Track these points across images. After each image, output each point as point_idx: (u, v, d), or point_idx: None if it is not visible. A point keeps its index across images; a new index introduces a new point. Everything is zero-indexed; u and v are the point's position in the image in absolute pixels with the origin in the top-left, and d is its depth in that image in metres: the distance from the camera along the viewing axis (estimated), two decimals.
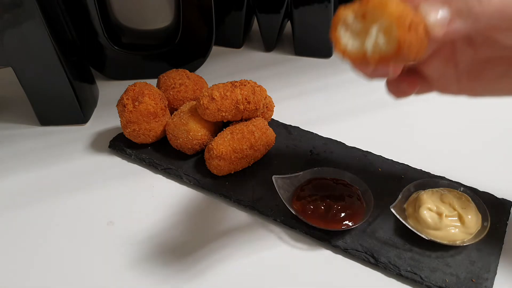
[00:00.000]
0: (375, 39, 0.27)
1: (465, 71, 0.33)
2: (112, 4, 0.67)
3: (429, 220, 0.38)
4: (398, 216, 0.39)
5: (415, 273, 0.37)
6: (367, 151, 0.50)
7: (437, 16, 0.26)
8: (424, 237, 0.38)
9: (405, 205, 0.41)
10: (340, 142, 0.52)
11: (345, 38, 0.29)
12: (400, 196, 0.41)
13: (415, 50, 0.26)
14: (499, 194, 0.44)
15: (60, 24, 0.55)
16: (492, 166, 0.49)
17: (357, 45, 0.28)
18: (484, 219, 0.39)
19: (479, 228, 0.38)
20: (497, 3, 0.26)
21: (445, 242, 0.37)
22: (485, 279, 0.36)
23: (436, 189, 0.41)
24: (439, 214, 0.38)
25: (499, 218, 0.41)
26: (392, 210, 0.39)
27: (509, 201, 0.43)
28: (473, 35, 0.31)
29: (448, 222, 0.38)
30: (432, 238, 0.38)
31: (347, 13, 0.28)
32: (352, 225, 0.40)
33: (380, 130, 0.55)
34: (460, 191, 0.41)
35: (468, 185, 0.44)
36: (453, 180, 0.45)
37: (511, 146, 0.51)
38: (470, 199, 0.40)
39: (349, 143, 0.52)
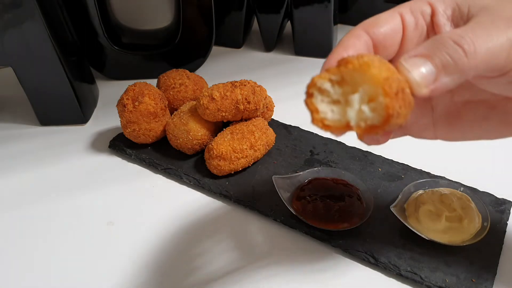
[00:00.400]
0: (358, 107, 0.24)
1: (442, 116, 0.32)
2: (112, 4, 0.67)
3: (429, 220, 0.38)
4: (398, 216, 0.39)
5: (415, 273, 0.37)
6: (367, 151, 0.50)
7: (422, 74, 0.24)
8: (424, 237, 0.38)
9: (405, 205, 0.41)
10: (340, 142, 0.52)
11: (322, 107, 0.25)
12: (400, 196, 0.41)
13: (404, 115, 0.23)
14: (499, 194, 0.44)
15: (60, 24, 0.55)
16: (492, 166, 0.49)
17: (337, 114, 0.25)
18: (484, 219, 0.39)
19: (479, 228, 0.38)
20: (483, 54, 0.24)
21: (445, 242, 0.37)
22: (485, 279, 0.36)
23: (436, 189, 0.41)
24: (439, 214, 0.38)
25: (499, 218, 0.41)
26: (392, 210, 0.39)
27: (509, 201, 0.43)
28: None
29: (448, 222, 0.38)
30: (432, 238, 0.38)
31: (322, 79, 0.25)
32: (352, 225, 0.40)
33: None
34: (460, 191, 0.41)
35: (468, 185, 0.44)
36: (453, 180, 0.45)
37: (511, 146, 0.51)
38: (470, 199, 0.40)
39: (349, 143, 0.52)
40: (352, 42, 0.28)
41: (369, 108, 0.23)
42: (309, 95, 0.26)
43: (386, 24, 0.30)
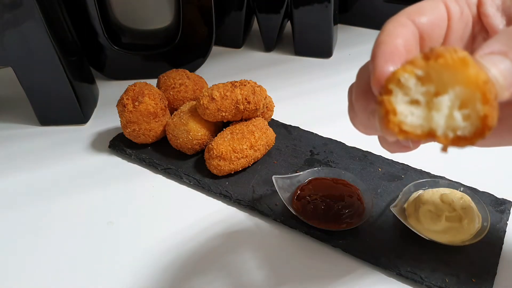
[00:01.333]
0: (448, 113, 0.20)
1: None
2: (112, 4, 0.67)
3: (429, 220, 0.38)
4: (398, 216, 0.39)
5: (415, 273, 0.37)
6: (367, 151, 0.50)
7: (503, 74, 0.20)
8: (424, 237, 0.38)
9: (405, 205, 0.41)
10: (340, 142, 0.52)
11: (402, 107, 0.21)
12: (400, 196, 0.41)
13: (495, 124, 0.19)
14: (499, 194, 0.44)
15: (60, 24, 0.55)
16: (492, 166, 0.49)
17: (420, 118, 0.21)
18: (484, 219, 0.39)
19: (479, 228, 0.38)
20: None
21: (445, 242, 0.37)
22: (485, 279, 0.36)
23: (436, 189, 0.41)
24: (439, 214, 0.38)
25: (499, 218, 0.41)
26: (392, 210, 0.39)
27: (509, 201, 0.43)
28: None
29: (448, 222, 0.38)
30: (432, 238, 0.38)
31: (408, 73, 0.20)
32: (352, 225, 0.40)
33: None
34: (460, 191, 0.41)
35: (468, 185, 0.44)
36: (453, 180, 0.45)
37: (511, 146, 0.51)
38: (470, 199, 0.40)
39: (349, 143, 0.52)
40: (400, 31, 0.25)
41: (462, 116, 0.19)
42: (387, 91, 0.21)
43: (431, 13, 0.26)
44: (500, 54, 0.21)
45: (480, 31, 0.27)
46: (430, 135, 0.20)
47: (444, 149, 0.21)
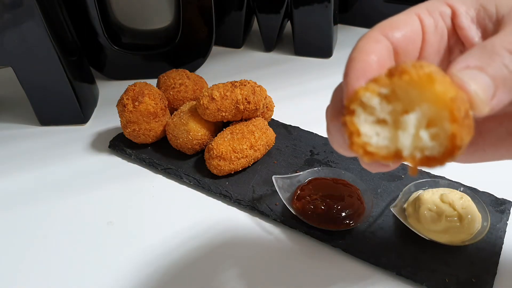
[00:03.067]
0: (414, 133, 0.19)
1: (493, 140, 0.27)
2: (112, 4, 0.67)
3: (429, 220, 0.38)
4: (398, 216, 0.39)
5: (415, 273, 0.37)
6: None
7: (482, 88, 0.20)
8: (424, 237, 0.38)
9: (405, 205, 0.41)
10: None
11: (365, 128, 0.20)
12: (400, 196, 0.41)
13: (465, 145, 0.18)
14: (499, 194, 0.44)
15: (60, 24, 0.55)
16: (492, 166, 0.49)
17: (385, 139, 0.20)
18: (484, 219, 0.39)
19: (479, 228, 0.38)
20: None
21: (445, 242, 0.37)
22: (485, 279, 0.36)
23: (436, 189, 0.41)
24: (439, 214, 0.38)
25: (499, 218, 0.41)
26: (392, 210, 0.39)
27: (509, 201, 0.43)
28: None
29: (448, 222, 0.38)
30: (432, 238, 0.38)
31: (370, 93, 0.19)
32: (352, 225, 0.40)
33: None
34: (460, 191, 0.41)
35: (468, 185, 0.44)
36: (453, 180, 0.45)
37: None
38: (470, 199, 0.40)
39: None
40: (372, 46, 0.24)
41: (429, 135, 0.19)
42: (349, 112, 0.20)
43: (405, 26, 0.26)
44: (477, 69, 0.20)
45: (456, 43, 0.26)
46: (397, 156, 0.19)
47: (413, 171, 0.20)
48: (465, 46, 0.26)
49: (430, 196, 0.40)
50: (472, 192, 0.42)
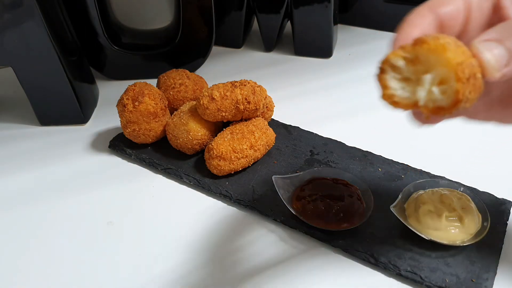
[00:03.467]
0: (428, 88, 0.24)
1: (498, 98, 0.31)
2: (112, 4, 0.67)
3: (429, 220, 0.38)
4: (398, 216, 0.39)
5: (415, 273, 0.37)
6: (367, 151, 0.50)
7: (496, 57, 0.24)
8: (424, 237, 0.38)
9: (405, 205, 0.41)
10: (340, 142, 0.52)
11: (393, 83, 0.26)
12: (400, 196, 0.41)
13: (472, 100, 0.24)
14: (499, 194, 0.44)
15: (60, 24, 0.55)
16: (492, 166, 0.49)
17: (407, 92, 0.26)
18: (484, 219, 0.39)
19: (479, 228, 0.38)
20: None
21: (445, 242, 0.37)
22: (485, 279, 0.36)
23: (436, 189, 0.41)
24: (439, 214, 0.38)
25: (499, 218, 0.41)
26: (392, 210, 0.39)
27: (509, 201, 0.43)
28: None
29: (448, 222, 0.38)
30: (432, 238, 0.38)
31: (396, 57, 0.25)
32: (352, 225, 0.40)
33: (380, 130, 0.55)
34: (460, 191, 0.41)
35: (468, 185, 0.44)
36: (453, 180, 0.45)
37: (511, 146, 0.51)
38: (470, 199, 0.40)
39: (349, 143, 0.52)
40: (419, 20, 0.29)
41: (439, 90, 0.24)
42: (381, 70, 0.26)
43: (451, 4, 0.29)
44: (496, 41, 0.25)
45: (497, 22, 0.29)
46: (415, 106, 0.25)
47: (427, 118, 0.26)
48: None
49: (430, 196, 0.40)
50: (472, 192, 0.42)
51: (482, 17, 0.30)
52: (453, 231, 0.38)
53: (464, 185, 0.43)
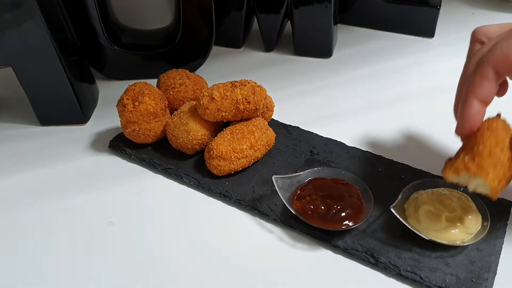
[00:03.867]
0: (476, 184, 0.35)
1: None
2: (112, 4, 0.67)
3: (429, 220, 0.38)
4: (398, 216, 0.39)
5: (415, 273, 0.37)
6: (367, 151, 0.50)
7: None
8: (424, 237, 0.38)
9: (405, 205, 0.41)
10: (340, 142, 0.52)
11: (455, 178, 0.36)
12: (400, 196, 0.41)
13: (504, 188, 0.35)
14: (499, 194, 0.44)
15: (60, 24, 0.55)
16: None
17: (463, 180, 0.36)
18: (484, 219, 0.39)
19: (479, 228, 0.38)
20: None
21: (445, 242, 0.37)
22: (485, 279, 0.36)
23: (436, 189, 0.41)
24: (439, 214, 0.38)
25: (499, 218, 0.41)
26: (392, 210, 0.39)
27: (509, 201, 0.43)
28: None
29: (448, 222, 0.38)
30: (432, 238, 0.38)
31: (452, 176, 0.36)
32: (352, 225, 0.40)
33: (380, 130, 0.55)
34: (460, 191, 0.41)
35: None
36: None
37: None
38: (470, 199, 0.40)
39: (349, 143, 0.52)
40: (484, 85, 0.36)
41: (482, 188, 0.35)
42: (451, 174, 0.37)
43: (493, 87, 0.37)
44: None
45: None
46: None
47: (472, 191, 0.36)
48: None
49: (430, 196, 0.40)
50: (471, 192, 0.42)
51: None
52: (453, 231, 0.38)
53: (464, 185, 0.43)
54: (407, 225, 0.39)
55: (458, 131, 0.38)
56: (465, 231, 0.38)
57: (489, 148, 0.35)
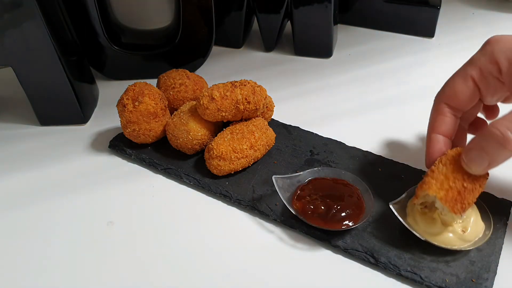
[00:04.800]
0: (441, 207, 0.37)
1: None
2: (112, 4, 0.67)
3: (426, 221, 0.38)
4: (396, 213, 0.39)
5: (415, 273, 0.37)
6: (367, 151, 0.50)
7: (479, 168, 0.36)
8: (419, 237, 0.37)
9: (407, 204, 0.41)
10: (340, 142, 0.52)
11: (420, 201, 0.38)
12: (404, 195, 0.40)
13: (478, 193, 0.37)
14: (499, 194, 0.44)
15: (60, 24, 0.55)
16: None
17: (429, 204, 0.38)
18: (487, 227, 0.39)
19: (479, 237, 0.38)
20: None
21: (442, 245, 0.37)
22: (485, 279, 0.36)
23: None
24: (435, 218, 0.38)
25: (499, 218, 0.41)
26: (391, 206, 0.39)
27: (509, 201, 0.43)
28: None
29: (443, 227, 0.38)
30: (428, 239, 0.37)
31: (416, 204, 0.39)
32: (352, 225, 0.40)
33: (380, 130, 0.55)
34: None
35: None
36: None
37: None
38: (475, 206, 0.39)
39: (349, 143, 0.52)
40: (440, 120, 0.40)
41: (437, 201, 0.36)
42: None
43: (463, 94, 0.38)
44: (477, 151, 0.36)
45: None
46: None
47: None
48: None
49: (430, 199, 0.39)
50: (479, 200, 0.41)
51: (492, 84, 0.37)
52: (450, 235, 0.37)
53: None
54: (404, 223, 0.39)
55: (426, 163, 0.41)
56: (462, 237, 0.37)
57: (433, 168, 0.37)
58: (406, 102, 0.61)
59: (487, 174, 0.37)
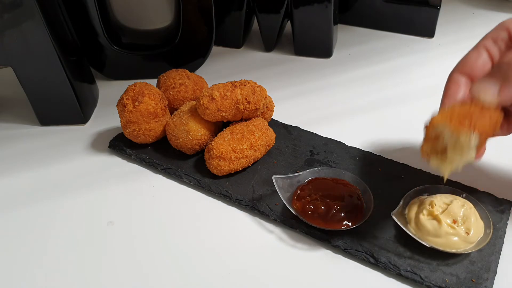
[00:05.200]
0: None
1: None
2: (112, 4, 0.67)
3: (430, 227, 0.38)
4: (399, 223, 0.38)
5: (415, 273, 0.37)
6: (367, 151, 0.50)
7: (489, 93, 0.36)
8: (425, 244, 0.37)
9: (405, 210, 0.40)
10: (340, 142, 0.52)
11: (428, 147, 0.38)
12: (401, 203, 0.41)
13: (492, 133, 0.35)
14: (499, 194, 0.44)
15: (60, 24, 0.55)
16: (491, 166, 0.49)
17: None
18: (486, 226, 0.39)
19: (481, 237, 0.38)
20: None
21: (447, 250, 0.37)
22: (485, 279, 0.36)
23: (439, 196, 0.40)
24: (440, 221, 0.38)
25: (499, 218, 0.41)
26: (393, 217, 0.39)
27: (509, 201, 0.43)
28: None
29: (448, 230, 0.37)
30: (434, 246, 0.37)
31: (426, 149, 0.38)
32: (352, 225, 0.40)
33: (380, 130, 0.55)
34: (462, 197, 0.41)
35: (468, 185, 0.44)
36: (453, 180, 0.44)
37: (511, 146, 0.51)
38: (472, 206, 0.39)
39: (349, 143, 0.52)
40: (454, 89, 0.39)
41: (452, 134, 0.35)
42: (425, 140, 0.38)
43: (477, 64, 0.39)
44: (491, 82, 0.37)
45: None
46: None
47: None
48: None
49: (430, 203, 0.39)
50: (475, 199, 0.41)
51: (503, 49, 0.38)
52: (454, 238, 0.37)
53: (464, 185, 0.43)
54: (408, 232, 0.38)
55: (440, 105, 0.40)
56: (466, 239, 0.37)
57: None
58: (406, 102, 0.61)
59: (500, 110, 0.36)
